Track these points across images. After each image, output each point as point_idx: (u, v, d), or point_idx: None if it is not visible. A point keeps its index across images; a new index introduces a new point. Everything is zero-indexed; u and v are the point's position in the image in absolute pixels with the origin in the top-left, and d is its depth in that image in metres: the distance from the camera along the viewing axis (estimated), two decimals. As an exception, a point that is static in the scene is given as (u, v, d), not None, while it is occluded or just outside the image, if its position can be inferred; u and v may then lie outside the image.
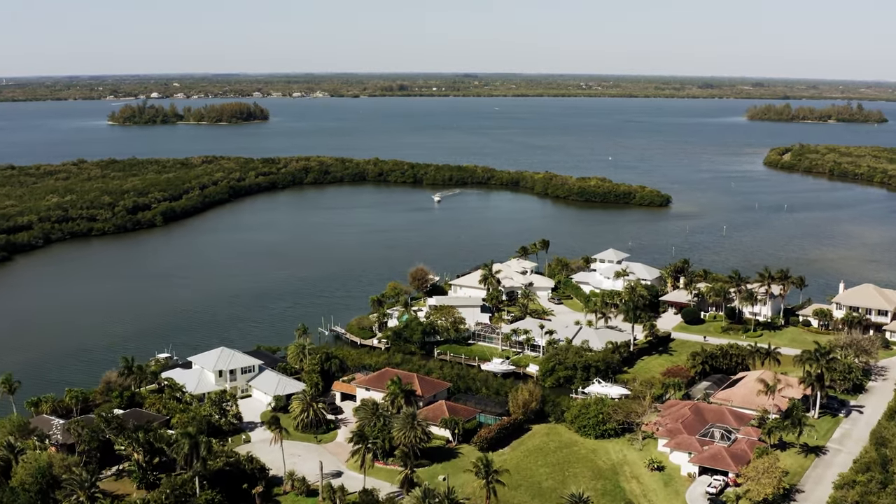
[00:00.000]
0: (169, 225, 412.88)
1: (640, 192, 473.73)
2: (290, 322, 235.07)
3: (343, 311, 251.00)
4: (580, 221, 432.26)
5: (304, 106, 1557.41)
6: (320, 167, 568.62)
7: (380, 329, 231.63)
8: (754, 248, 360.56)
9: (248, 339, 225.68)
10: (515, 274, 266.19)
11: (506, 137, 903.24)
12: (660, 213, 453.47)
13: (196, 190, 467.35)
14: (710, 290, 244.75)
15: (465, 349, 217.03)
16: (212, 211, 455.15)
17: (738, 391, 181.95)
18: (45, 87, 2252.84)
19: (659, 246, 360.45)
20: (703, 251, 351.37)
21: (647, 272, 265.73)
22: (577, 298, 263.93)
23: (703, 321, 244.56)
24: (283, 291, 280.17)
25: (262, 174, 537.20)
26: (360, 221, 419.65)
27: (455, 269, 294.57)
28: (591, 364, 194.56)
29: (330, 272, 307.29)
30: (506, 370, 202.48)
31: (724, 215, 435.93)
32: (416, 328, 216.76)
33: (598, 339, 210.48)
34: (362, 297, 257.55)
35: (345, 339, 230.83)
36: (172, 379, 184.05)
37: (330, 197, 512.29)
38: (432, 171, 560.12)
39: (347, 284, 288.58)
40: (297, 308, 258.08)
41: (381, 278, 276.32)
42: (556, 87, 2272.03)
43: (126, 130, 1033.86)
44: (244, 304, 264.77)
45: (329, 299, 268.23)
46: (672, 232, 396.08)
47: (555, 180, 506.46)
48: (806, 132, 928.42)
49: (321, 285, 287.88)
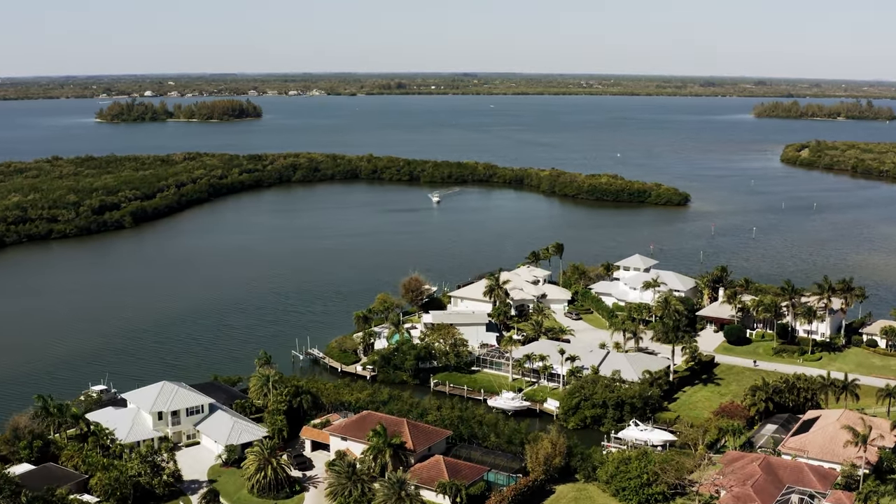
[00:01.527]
0: (139, 226, 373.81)
1: (655, 191, 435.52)
2: (258, 344, 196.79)
3: (322, 329, 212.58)
4: (592, 222, 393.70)
5: (299, 104, 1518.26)
6: (310, 164, 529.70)
7: (365, 352, 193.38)
8: (786, 253, 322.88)
9: (207, 365, 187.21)
10: (526, 284, 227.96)
11: (504, 134, 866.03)
12: (678, 212, 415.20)
13: (172, 188, 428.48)
14: (756, 304, 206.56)
15: (468, 378, 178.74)
16: (189, 211, 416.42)
17: (814, 439, 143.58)
18: (38, 86, 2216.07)
19: (683, 250, 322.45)
20: (731, 256, 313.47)
21: (680, 282, 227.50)
22: (599, 313, 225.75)
23: (749, 340, 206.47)
24: (254, 305, 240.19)
25: (247, 171, 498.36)
26: (349, 223, 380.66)
27: (456, 278, 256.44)
28: (624, 400, 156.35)
29: (309, 282, 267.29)
30: (518, 407, 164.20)
31: (748, 216, 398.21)
32: (409, 352, 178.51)
33: (630, 366, 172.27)
34: (346, 312, 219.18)
35: (323, 364, 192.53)
36: (99, 423, 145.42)
37: (318, 196, 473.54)
38: (430, 169, 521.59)
39: (329, 297, 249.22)
40: (269, 326, 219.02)
41: (369, 289, 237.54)
42: (556, 86, 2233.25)
43: (113, 128, 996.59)
44: (206, 321, 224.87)
45: (306, 315, 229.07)
46: (694, 234, 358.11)
47: (562, 178, 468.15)
48: (816, 129, 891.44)
49: (298, 298, 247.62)
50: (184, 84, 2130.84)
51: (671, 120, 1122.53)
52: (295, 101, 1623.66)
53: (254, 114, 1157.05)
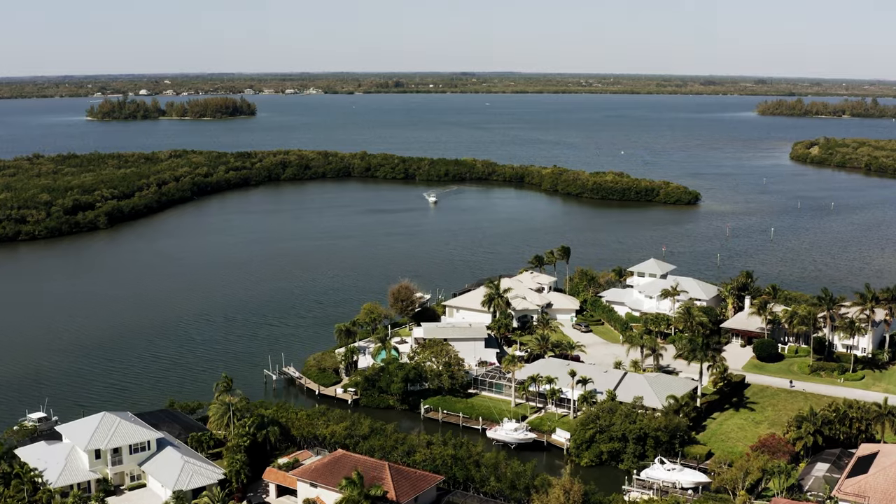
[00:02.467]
0: (115, 227, 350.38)
1: (664, 189, 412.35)
2: (226, 362, 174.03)
3: (300, 344, 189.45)
4: (598, 222, 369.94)
5: (295, 102, 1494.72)
6: (300, 161, 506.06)
7: (347, 371, 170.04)
8: (806, 256, 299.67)
9: (165, 387, 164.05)
10: (529, 292, 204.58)
11: (502, 131, 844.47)
12: (688, 212, 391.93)
13: (153, 187, 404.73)
14: (789, 316, 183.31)
15: (464, 404, 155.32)
16: (170, 211, 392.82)
17: (875, 482, 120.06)
18: (33, 84, 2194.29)
19: (696, 253, 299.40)
20: (748, 259, 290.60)
21: (701, 289, 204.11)
22: (611, 324, 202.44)
23: (781, 356, 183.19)
24: (224, 317, 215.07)
25: (234, 169, 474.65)
26: (337, 224, 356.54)
27: (451, 285, 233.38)
28: (647, 433, 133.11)
29: (288, 290, 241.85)
30: (522, 440, 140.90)
31: (763, 216, 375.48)
32: (396, 374, 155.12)
33: (651, 389, 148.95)
34: (327, 324, 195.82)
35: (300, 385, 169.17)
36: (27, 463, 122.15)
37: (307, 195, 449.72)
38: (426, 167, 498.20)
39: (309, 307, 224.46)
40: (239, 341, 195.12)
41: (355, 298, 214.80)
42: (555, 84, 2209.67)
43: (103, 125, 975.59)
44: (169, 335, 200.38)
45: (282, 328, 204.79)
46: (707, 235, 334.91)
47: (565, 176, 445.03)
48: (822, 127, 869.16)
49: (274, 308, 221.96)
50: (180, 83, 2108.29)
51: (673, 118, 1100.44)
52: (291, 100, 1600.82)
53: (248, 111, 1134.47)
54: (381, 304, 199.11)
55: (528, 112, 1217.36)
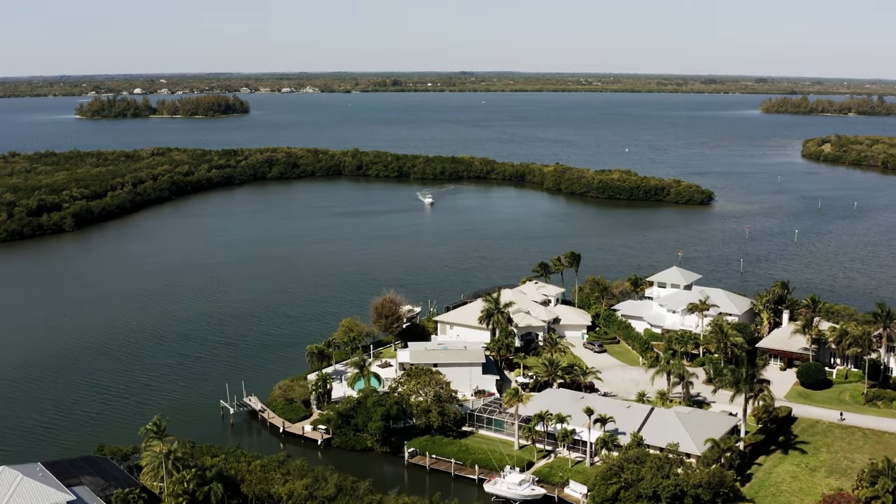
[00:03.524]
0: (82, 229, 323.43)
1: (675, 188, 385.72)
2: (176, 392, 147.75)
3: (266, 368, 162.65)
4: (605, 224, 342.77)
5: (291, 101, 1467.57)
6: (288, 159, 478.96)
7: (319, 403, 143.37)
8: (833, 261, 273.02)
9: (100, 424, 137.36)
10: (534, 306, 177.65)
11: (500, 129, 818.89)
12: (701, 212, 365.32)
13: (127, 186, 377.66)
14: (838, 334, 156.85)
15: (457, 447, 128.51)
16: (145, 212, 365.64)
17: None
18: (27, 84, 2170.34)
19: (712, 258, 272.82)
20: (771, 265, 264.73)
21: (732, 302, 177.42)
22: (628, 342, 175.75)
23: (829, 382, 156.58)
24: (179, 335, 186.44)
25: (217, 168, 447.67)
26: (321, 226, 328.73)
27: (445, 296, 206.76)
28: (685, 490, 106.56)
29: (257, 302, 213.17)
30: (529, 496, 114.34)
31: (783, 217, 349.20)
32: (375, 410, 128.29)
33: (684, 430, 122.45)
34: (298, 343, 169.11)
35: (263, 419, 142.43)
36: None
37: (293, 195, 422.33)
38: (421, 164, 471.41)
39: (278, 323, 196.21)
40: (194, 365, 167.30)
41: (333, 312, 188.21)
42: (554, 83, 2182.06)
43: (92, 124, 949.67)
44: (112, 357, 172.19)
45: (245, 349, 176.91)
46: (724, 238, 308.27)
47: (568, 174, 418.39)
48: (829, 125, 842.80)
49: (238, 325, 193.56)
50: (175, 82, 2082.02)
51: (675, 116, 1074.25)
52: (287, 99, 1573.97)
53: (240, 109, 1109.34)
54: (362, 319, 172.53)
55: (526, 110, 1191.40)
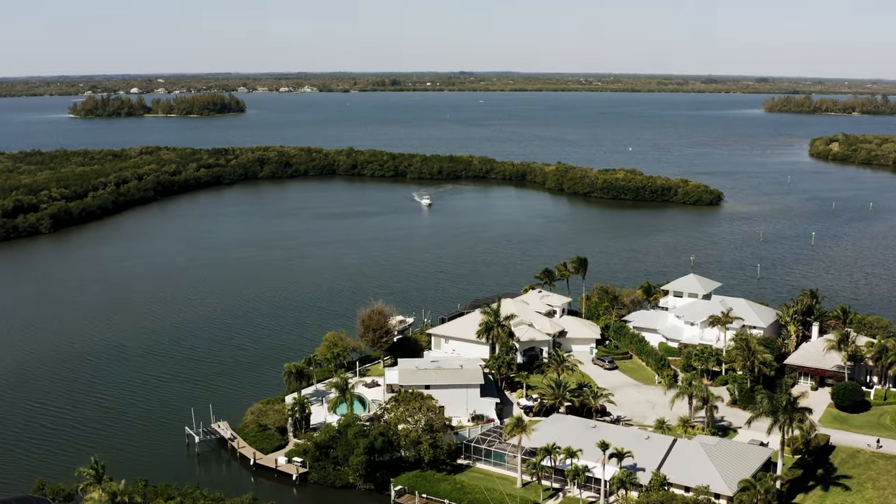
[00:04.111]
0: (60, 231, 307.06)
1: (682, 188, 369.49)
2: (136, 414, 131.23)
3: (239, 389, 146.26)
4: (611, 226, 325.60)
5: (289, 100, 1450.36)
6: (280, 158, 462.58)
7: (296, 430, 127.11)
8: (853, 266, 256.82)
9: (44, 458, 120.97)
10: (537, 317, 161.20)
11: (498, 128, 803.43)
12: (711, 213, 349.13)
13: (110, 186, 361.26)
14: (877, 350, 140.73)
15: (450, 483, 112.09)
16: (128, 213, 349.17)
17: None
18: (24, 83, 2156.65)
19: (724, 263, 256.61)
20: (788, 270, 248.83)
21: (755, 313, 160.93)
22: (641, 358, 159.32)
23: (867, 404, 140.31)
24: (141, 350, 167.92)
25: (206, 167, 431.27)
26: (310, 228, 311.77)
27: (441, 305, 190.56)
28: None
29: (233, 312, 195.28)
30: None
31: (797, 219, 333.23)
32: (357, 442, 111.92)
33: (713, 465, 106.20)
34: (275, 360, 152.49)
35: (232, 448, 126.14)
36: None
37: (285, 194, 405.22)
38: (417, 163, 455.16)
39: (255, 335, 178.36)
40: (157, 386, 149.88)
41: (316, 324, 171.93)
42: (554, 83, 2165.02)
43: (86, 123, 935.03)
44: (67, 376, 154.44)
45: (215, 366, 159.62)
46: (736, 241, 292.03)
47: (571, 173, 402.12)
48: (834, 124, 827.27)
49: (208, 338, 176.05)
50: (173, 82, 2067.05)
51: (676, 115, 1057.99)
52: (285, 98, 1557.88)
53: (236, 109, 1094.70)
54: (349, 332, 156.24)
55: (525, 109, 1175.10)
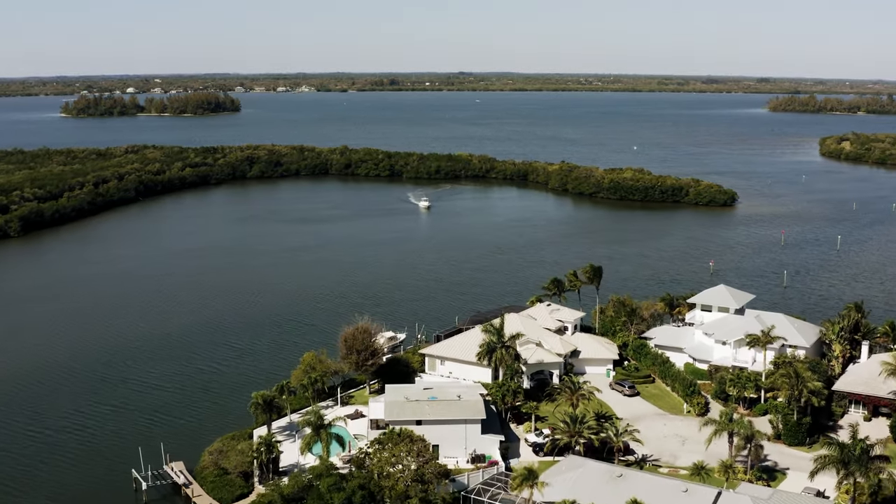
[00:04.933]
0: (30, 234, 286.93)
1: (694, 188, 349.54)
2: (71, 458, 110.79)
3: (198, 423, 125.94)
4: (619, 229, 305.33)
5: (286, 100, 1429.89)
6: (270, 157, 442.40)
7: (263, 475, 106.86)
8: (883, 273, 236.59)
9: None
10: (547, 335, 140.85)
11: (497, 127, 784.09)
12: (725, 215, 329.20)
13: (88, 186, 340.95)
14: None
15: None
16: (106, 214, 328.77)
17: None
18: (20, 83, 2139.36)
19: (746, 270, 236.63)
20: (813, 278, 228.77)
21: (797, 330, 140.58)
22: (666, 382, 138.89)
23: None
24: (95, 375, 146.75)
25: (192, 166, 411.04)
26: (297, 232, 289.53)
27: (437, 320, 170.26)
28: None
29: (199, 329, 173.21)
30: None
31: (817, 220, 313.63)
32: (331, 497, 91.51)
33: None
34: (242, 388, 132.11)
35: (186, 497, 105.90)
36: None
37: (274, 195, 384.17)
38: (414, 162, 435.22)
39: (221, 357, 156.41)
40: (105, 418, 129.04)
41: (292, 343, 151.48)
42: (554, 83, 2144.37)
43: (77, 122, 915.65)
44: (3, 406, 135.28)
45: (176, 394, 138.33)
46: (755, 245, 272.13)
47: (575, 173, 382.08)
48: (841, 124, 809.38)
49: (170, 359, 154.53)
50: (170, 82, 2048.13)
51: (679, 114, 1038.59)
52: (282, 97, 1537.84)
53: (231, 108, 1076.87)
54: (331, 352, 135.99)
55: (524, 108, 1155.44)
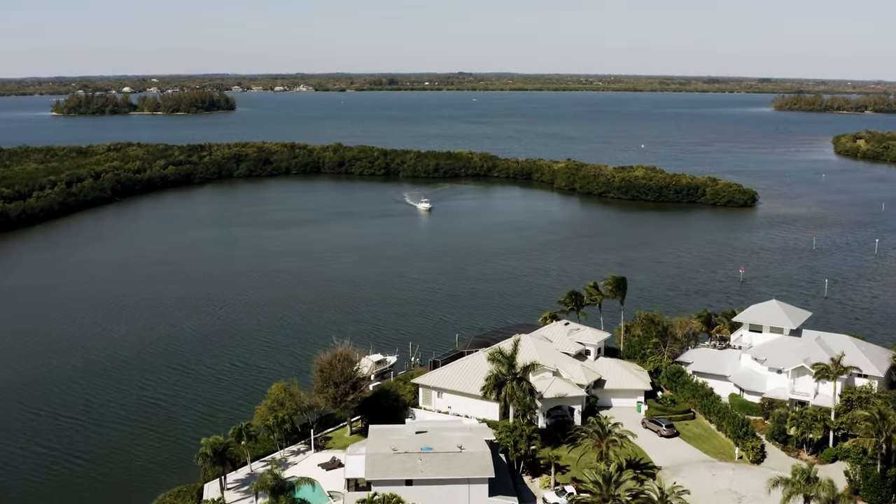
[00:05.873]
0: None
1: (711, 187, 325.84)
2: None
3: (131, 477, 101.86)
4: (632, 231, 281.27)
5: (282, 99, 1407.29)
6: (259, 155, 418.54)
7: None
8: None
9: None
10: (565, 361, 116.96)
11: (497, 126, 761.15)
12: (745, 216, 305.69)
13: (60, 185, 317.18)
14: None
15: None
16: (80, 215, 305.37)
17: None
18: (15, 83, 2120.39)
19: (779, 278, 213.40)
20: (852, 288, 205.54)
21: (864, 354, 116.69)
22: (710, 419, 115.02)
23: None
24: (14, 410, 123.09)
25: (176, 164, 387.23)
26: (280, 237, 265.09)
27: (434, 341, 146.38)
28: None
29: (149, 352, 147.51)
30: None
31: (846, 223, 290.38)
32: None
33: None
34: (199, 425, 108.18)
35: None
36: None
37: (261, 195, 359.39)
38: (411, 160, 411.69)
39: (175, 389, 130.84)
40: (22, 463, 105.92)
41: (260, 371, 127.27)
42: (554, 82, 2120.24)
43: (67, 120, 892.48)
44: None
45: (114, 432, 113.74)
46: (782, 249, 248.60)
47: (583, 171, 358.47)
48: (850, 122, 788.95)
49: (112, 390, 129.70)
50: (167, 81, 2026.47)
51: (682, 113, 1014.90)
52: (279, 97, 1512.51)
53: (225, 106, 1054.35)
54: (304, 386, 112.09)
55: (524, 107, 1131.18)
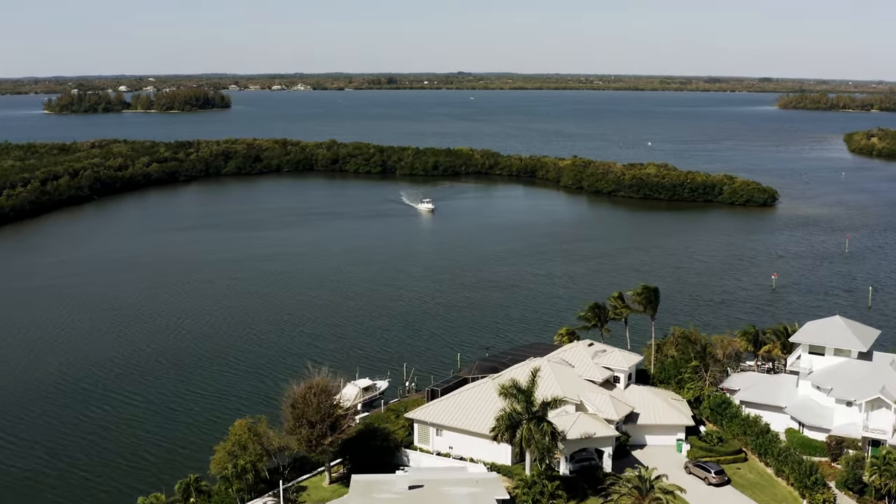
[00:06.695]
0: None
1: (728, 186, 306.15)
2: None
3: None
4: (647, 232, 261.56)
5: (280, 98, 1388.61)
6: (248, 152, 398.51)
7: None
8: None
9: None
10: (592, 391, 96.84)
11: (496, 124, 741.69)
12: (765, 217, 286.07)
13: (34, 183, 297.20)
14: None
15: None
16: (54, 215, 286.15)
17: None
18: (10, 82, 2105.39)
19: (811, 285, 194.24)
20: (893, 297, 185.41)
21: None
22: (765, 461, 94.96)
23: None
24: None
25: (161, 161, 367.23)
26: (265, 241, 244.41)
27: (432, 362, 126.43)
28: None
29: (89, 381, 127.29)
30: None
31: (875, 225, 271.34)
32: None
33: None
34: (132, 475, 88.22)
35: None
36: None
37: (249, 193, 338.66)
38: (409, 158, 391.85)
39: (119, 427, 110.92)
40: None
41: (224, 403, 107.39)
42: (555, 82, 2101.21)
43: (58, 118, 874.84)
44: None
45: (29, 483, 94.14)
46: (810, 253, 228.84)
47: (591, 168, 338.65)
48: (858, 120, 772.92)
49: (35, 428, 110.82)
50: (164, 80, 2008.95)
51: (686, 111, 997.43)
52: (276, 96, 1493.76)
53: (221, 104, 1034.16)
54: (273, 422, 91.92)
55: (523, 105, 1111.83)
